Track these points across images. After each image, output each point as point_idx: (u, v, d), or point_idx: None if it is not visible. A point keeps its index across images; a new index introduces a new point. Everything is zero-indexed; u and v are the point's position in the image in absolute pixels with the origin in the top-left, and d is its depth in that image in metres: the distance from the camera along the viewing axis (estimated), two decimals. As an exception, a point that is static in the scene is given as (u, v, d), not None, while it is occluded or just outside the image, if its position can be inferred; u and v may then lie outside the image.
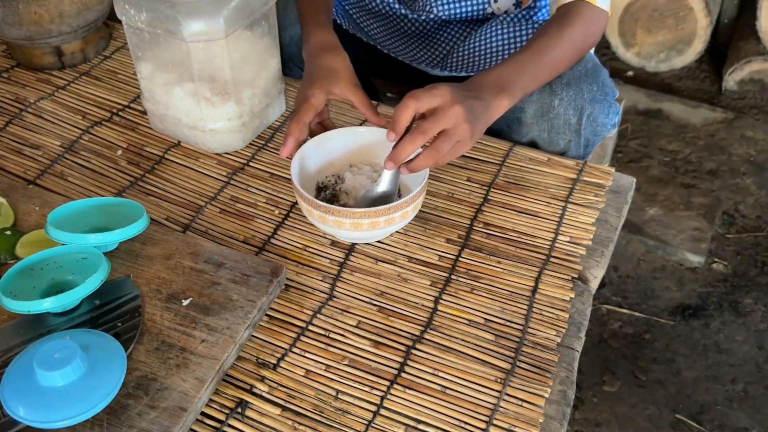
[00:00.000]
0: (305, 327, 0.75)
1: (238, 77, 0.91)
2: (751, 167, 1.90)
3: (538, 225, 0.87)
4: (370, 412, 0.68)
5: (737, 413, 1.37)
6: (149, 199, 0.90)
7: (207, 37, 0.85)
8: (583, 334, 0.76)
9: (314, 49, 0.91)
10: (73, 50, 1.11)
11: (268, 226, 0.87)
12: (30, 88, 1.08)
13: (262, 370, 0.71)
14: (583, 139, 0.96)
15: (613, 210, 0.90)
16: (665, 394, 1.40)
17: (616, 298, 1.59)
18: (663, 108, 2.09)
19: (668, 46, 2.22)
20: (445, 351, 0.73)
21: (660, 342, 1.50)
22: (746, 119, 2.05)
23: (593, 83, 0.93)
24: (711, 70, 2.26)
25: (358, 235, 0.81)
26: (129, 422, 0.63)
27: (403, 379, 0.70)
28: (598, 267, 0.83)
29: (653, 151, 1.95)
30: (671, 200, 1.79)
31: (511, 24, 1.06)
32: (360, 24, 1.17)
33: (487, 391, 0.69)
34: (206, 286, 0.75)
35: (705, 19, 2.14)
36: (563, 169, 0.94)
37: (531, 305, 0.78)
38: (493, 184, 0.93)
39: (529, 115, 0.95)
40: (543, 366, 0.72)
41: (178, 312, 0.72)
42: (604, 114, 0.94)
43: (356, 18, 1.16)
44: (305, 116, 0.84)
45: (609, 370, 1.44)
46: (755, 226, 1.75)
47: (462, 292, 0.79)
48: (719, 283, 1.62)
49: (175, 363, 0.68)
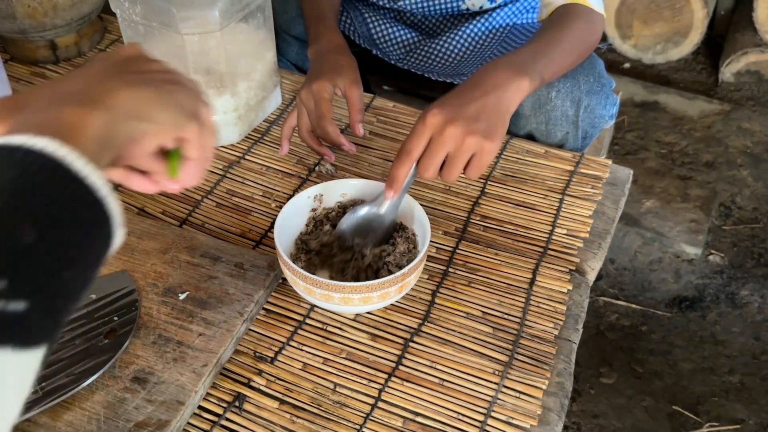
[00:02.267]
0: (302, 320, 0.75)
1: (234, 70, 0.91)
2: (748, 159, 1.90)
3: (536, 217, 0.87)
4: (368, 405, 0.68)
5: (733, 404, 1.37)
6: (145, 194, 0.90)
7: (202, 30, 0.85)
8: (580, 326, 0.76)
9: (324, 49, 0.92)
10: (68, 44, 1.10)
11: (265, 220, 0.86)
12: (24, 82, 1.07)
13: (260, 364, 0.71)
14: (581, 130, 0.96)
15: (610, 202, 0.90)
16: (662, 385, 1.40)
17: (613, 291, 1.60)
18: (659, 100, 2.09)
19: (665, 37, 2.22)
20: (443, 344, 0.73)
21: (657, 334, 1.50)
22: (743, 111, 2.05)
23: (590, 74, 0.93)
24: (707, 61, 2.26)
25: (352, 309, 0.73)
26: (126, 416, 0.63)
27: (401, 372, 0.70)
28: (596, 259, 0.83)
29: (650, 144, 1.95)
30: (668, 192, 1.79)
31: (486, 28, 1.08)
32: (355, 23, 1.17)
33: (485, 383, 0.69)
34: (203, 280, 0.74)
35: (702, 11, 2.13)
36: (560, 162, 0.94)
37: (528, 297, 0.78)
38: (490, 176, 0.92)
39: (527, 108, 0.95)
40: (541, 358, 0.72)
41: (174, 306, 0.72)
42: (601, 105, 0.94)
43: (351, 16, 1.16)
44: (325, 112, 0.86)
45: (606, 362, 1.45)
46: (752, 218, 1.75)
47: (459, 285, 0.79)
48: (716, 274, 1.62)
49: (172, 357, 0.67)
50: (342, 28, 1.12)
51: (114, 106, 0.43)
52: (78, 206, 0.37)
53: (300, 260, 0.76)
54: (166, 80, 0.49)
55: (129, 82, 0.46)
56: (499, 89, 0.73)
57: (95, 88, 0.44)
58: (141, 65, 0.49)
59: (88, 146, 0.40)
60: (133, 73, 0.47)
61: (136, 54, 0.50)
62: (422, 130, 0.70)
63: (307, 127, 0.89)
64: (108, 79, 0.45)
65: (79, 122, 0.41)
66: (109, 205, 0.39)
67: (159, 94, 0.47)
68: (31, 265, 0.33)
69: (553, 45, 0.83)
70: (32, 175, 0.36)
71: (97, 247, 0.38)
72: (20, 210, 0.35)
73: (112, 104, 0.43)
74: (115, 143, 0.43)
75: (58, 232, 0.35)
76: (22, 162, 0.36)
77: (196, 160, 0.51)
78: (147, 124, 0.46)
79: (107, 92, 0.44)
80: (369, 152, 0.96)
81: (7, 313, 0.31)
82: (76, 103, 0.42)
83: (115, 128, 0.43)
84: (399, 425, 0.66)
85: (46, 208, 0.35)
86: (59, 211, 0.36)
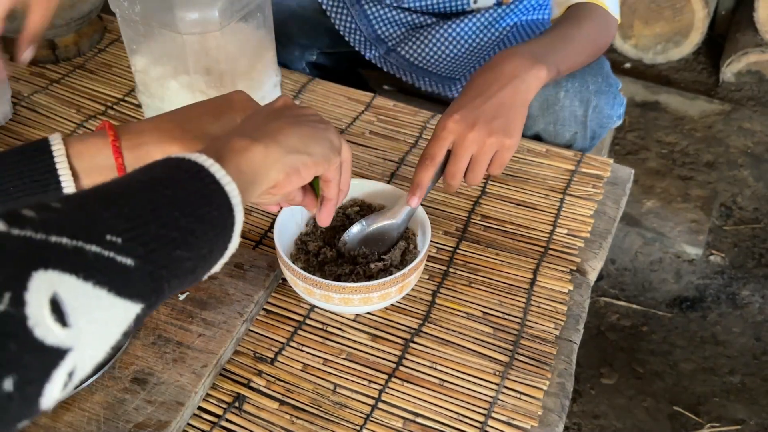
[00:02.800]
0: (302, 321, 0.75)
1: (234, 69, 0.91)
2: (749, 159, 1.90)
3: (536, 217, 0.87)
4: (368, 406, 0.67)
5: (734, 405, 1.37)
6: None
7: (202, 29, 0.84)
8: (581, 326, 0.76)
9: None
10: (67, 43, 1.10)
11: (265, 220, 0.86)
12: (23, 81, 1.07)
13: (260, 365, 0.71)
14: (590, 131, 0.96)
15: (611, 202, 0.89)
16: (663, 386, 1.40)
17: (613, 291, 1.59)
18: (660, 100, 2.09)
19: (665, 37, 2.22)
20: (444, 344, 0.73)
21: (657, 334, 1.50)
22: (743, 111, 2.05)
23: (598, 74, 0.93)
24: (708, 61, 2.26)
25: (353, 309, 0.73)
26: (126, 417, 0.62)
27: (401, 373, 0.70)
28: (596, 259, 0.83)
29: (650, 144, 1.94)
30: (669, 192, 1.78)
31: (485, 25, 1.07)
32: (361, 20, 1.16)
33: (486, 384, 0.69)
34: (203, 281, 0.74)
35: (702, 11, 2.13)
36: (561, 161, 0.94)
37: (529, 298, 0.77)
38: (490, 176, 0.92)
39: (535, 108, 0.95)
40: (541, 358, 0.71)
41: (174, 306, 0.72)
42: (609, 105, 0.94)
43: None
44: None
45: (607, 363, 1.45)
46: (752, 218, 1.75)
47: (460, 285, 0.79)
48: (716, 275, 1.62)
49: (171, 357, 0.67)
50: (341, 26, 1.11)
51: (281, 141, 0.53)
52: (210, 204, 0.43)
53: (300, 261, 0.76)
54: (317, 120, 0.58)
55: (289, 122, 0.55)
56: (516, 79, 0.73)
57: (263, 128, 0.53)
58: (295, 110, 0.58)
59: (244, 168, 0.48)
60: (291, 116, 0.57)
61: (289, 103, 0.60)
62: (444, 136, 0.72)
63: None
64: (272, 121, 0.55)
65: (243, 149, 0.49)
66: (237, 215, 0.45)
67: (315, 131, 0.56)
68: (148, 233, 0.38)
69: (568, 40, 0.83)
70: (181, 172, 0.43)
71: (215, 243, 0.44)
72: (159, 193, 0.41)
73: (280, 139, 0.52)
74: (273, 176, 0.52)
75: (184, 218, 0.41)
76: (178, 164, 0.44)
77: (332, 199, 0.62)
78: (306, 156, 0.54)
79: (275, 130, 0.53)
80: (369, 152, 0.96)
81: (115, 262, 0.36)
82: (247, 136, 0.51)
83: (282, 159, 0.52)
84: (399, 426, 0.66)
85: (183, 197, 0.42)
86: (193, 203, 0.42)
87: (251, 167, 0.49)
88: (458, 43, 1.08)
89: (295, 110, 0.59)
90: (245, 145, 0.50)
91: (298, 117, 0.57)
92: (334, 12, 1.10)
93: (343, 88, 1.06)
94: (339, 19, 1.10)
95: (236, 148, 0.49)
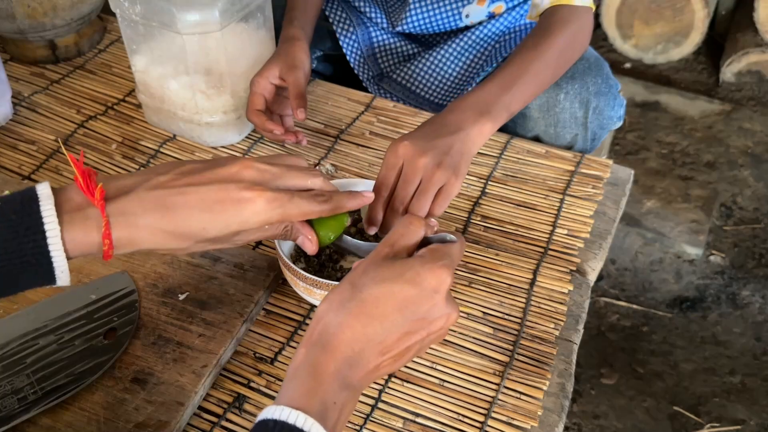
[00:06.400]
0: (302, 321, 0.75)
1: (234, 70, 0.91)
2: (749, 159, 1.90)
3: (536, 218, 0.87)
4: (368, 406, 0.67)
5: (735, 405, 1.37)
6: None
7: (202, 30, 0.84)
8: (581, 326, 0.76)
9: (280, 42, 0.93)
10: (67, 44, 1.10)
11: (265, 220, 0.86)
12: (24, 82, 1.07)
13: (260, 365, 0.71)
14: (590, 132, 0.96)
15: (611, 202, 0.89)
16: (663, 386, 1.40)
17: (613, 291, 1.60)
18: (660, 100, 2.09)
19: (666, 37, 2.22)
20: (444, 344, 0.73)
21: (658, 334, 1.50)
22: (744, 111, 2.05)
23: (597, 76, 0.93)
24: (708, 61, 2.26)
25: None
26: (126, 417, 0.62)
27: (401, 373, 0.70)
28: (596, 259, 0.83)
29: (651, 144, 1.94)
30: (669, 193, 1.78)
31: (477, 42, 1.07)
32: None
33: (486, 384, 0.69)
34: (203, 281, 0.74)
35: (702, 11, 2.13)
36: (561, 162, 0.94)
37: (529, 298, 0.77)
38: (490, 177, 0.92)
39: (535, 110, 0.95)
40: (541, 359, 0.72)
41: (174, 306, 0.72)
42: (609, 107, 0.94)
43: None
44: (254, 105, 0.89)
45: (607, 363, 1.45)
46: (753, 218, 1.75)
47: (460, 285, 0.79)
48: (717, 275, 1.62)
49: (172, 357, 0.67)
50: (346, 45, 1.11)
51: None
52: None
53: (300, 261, 0.76)
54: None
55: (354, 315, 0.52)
56: (461, 132, 0.74)
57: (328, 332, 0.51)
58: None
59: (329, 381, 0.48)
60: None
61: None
62: (394, 161, 0.71)
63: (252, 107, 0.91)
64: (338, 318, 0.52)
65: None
66: None
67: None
68: None
69: (527, 68, 0.81)
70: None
71: None
72: None
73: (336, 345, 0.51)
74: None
75: None
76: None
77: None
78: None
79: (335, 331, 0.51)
80: (369, 152, 0.96)
81: None
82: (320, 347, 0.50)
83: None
84: (399, 426, 0.66)
85: None
86: None
87: (334, 380, 0.49)
88: (450, 62, 1.08)
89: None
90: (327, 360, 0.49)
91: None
92: (339, 27, 1.11)
93: (344, 88, 1.06)
94: (342, 33, 1.11)
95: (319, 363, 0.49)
